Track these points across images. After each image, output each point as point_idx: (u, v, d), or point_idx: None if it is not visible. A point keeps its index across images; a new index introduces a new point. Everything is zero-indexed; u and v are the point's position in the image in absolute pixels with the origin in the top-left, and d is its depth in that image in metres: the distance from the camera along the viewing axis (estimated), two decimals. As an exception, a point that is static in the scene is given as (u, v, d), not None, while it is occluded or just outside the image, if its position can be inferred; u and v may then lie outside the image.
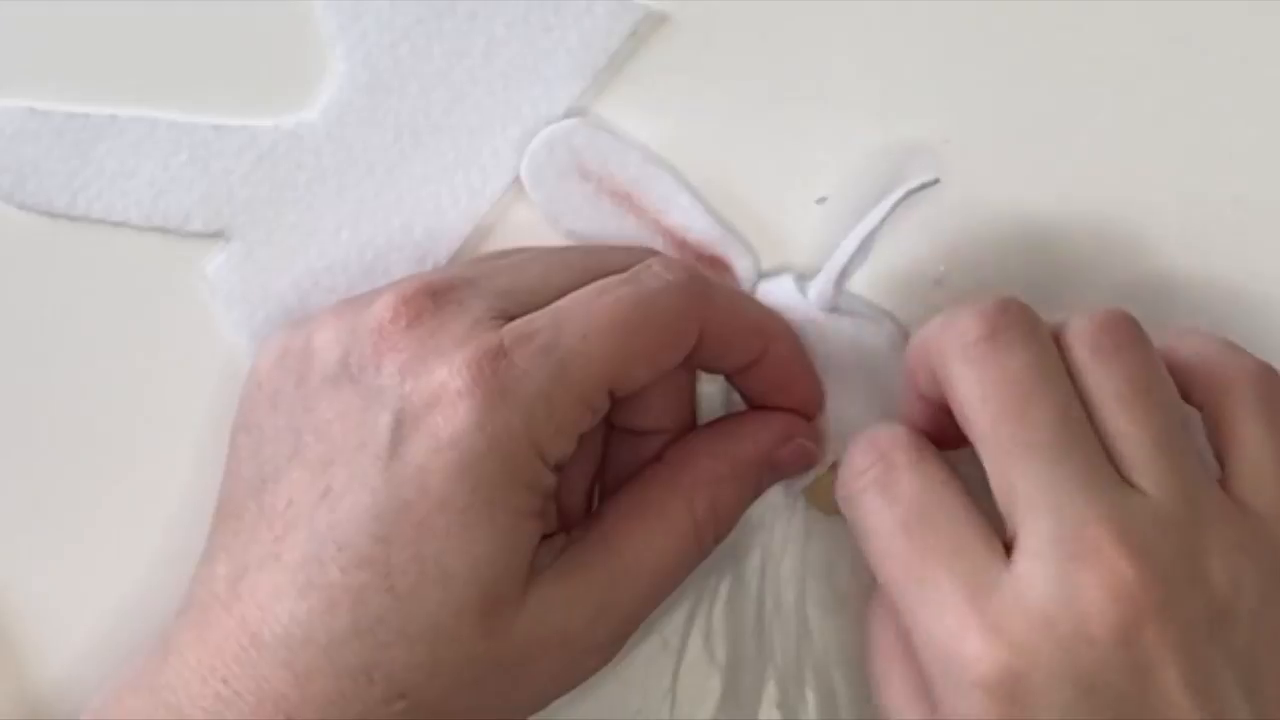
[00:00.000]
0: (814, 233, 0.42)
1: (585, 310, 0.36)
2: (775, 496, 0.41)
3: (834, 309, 0.41)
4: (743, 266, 0.42)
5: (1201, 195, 0.42)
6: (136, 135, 0.41)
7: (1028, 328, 0.36)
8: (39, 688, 0.42)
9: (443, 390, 0.35)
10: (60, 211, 0.42)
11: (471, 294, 0.36)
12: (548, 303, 0.36)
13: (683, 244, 0.42)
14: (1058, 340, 0.36)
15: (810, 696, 0.41)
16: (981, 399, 0.35)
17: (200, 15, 0.42)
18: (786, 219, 0.42)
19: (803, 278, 0.41)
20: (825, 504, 0.41)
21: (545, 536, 0.36)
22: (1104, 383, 0.35)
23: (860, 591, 0.41)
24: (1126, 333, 0.36)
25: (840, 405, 0.41)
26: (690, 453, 0.39)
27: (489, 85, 0.42)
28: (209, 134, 0.41)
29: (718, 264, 0.42)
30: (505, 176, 0.42)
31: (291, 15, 0.42)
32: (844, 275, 0.40)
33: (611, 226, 0.41)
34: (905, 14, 0.42)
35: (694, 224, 0.41)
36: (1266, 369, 0.37)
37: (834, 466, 0.40)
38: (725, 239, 0.42)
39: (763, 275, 0.42)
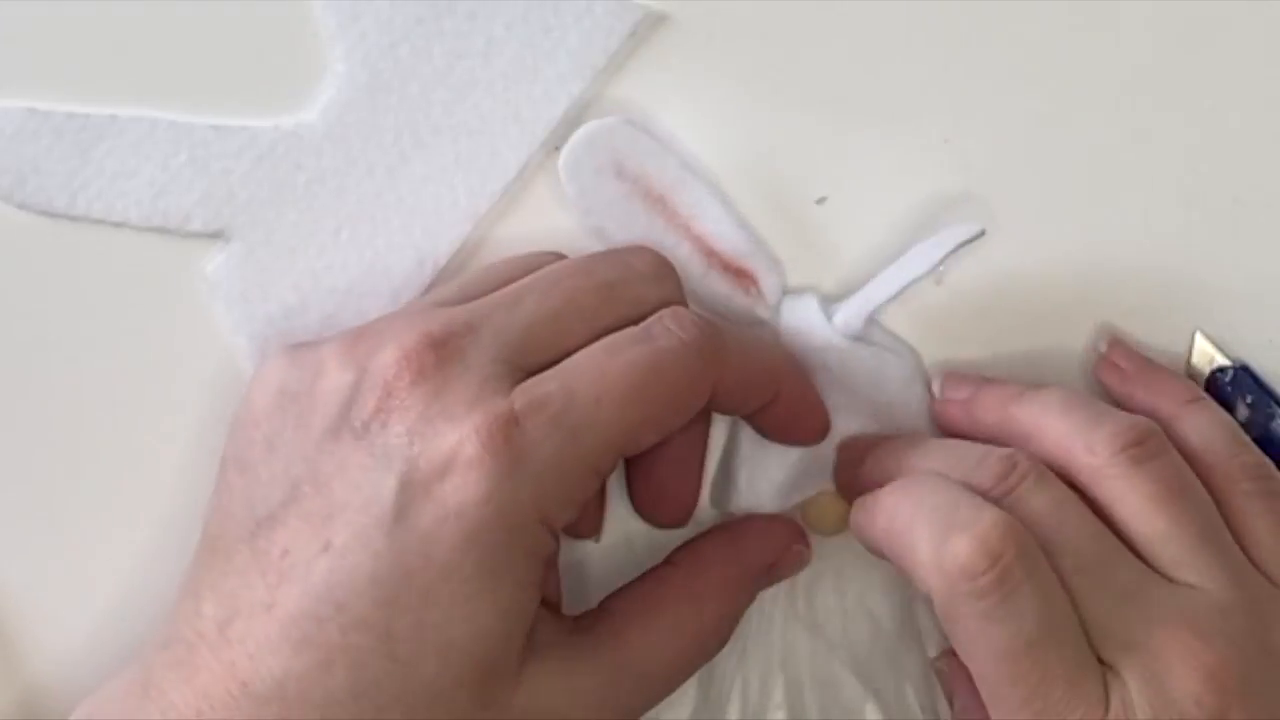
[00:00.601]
0: (814, 233, 0.42)
1: (598, 373, 0.36)
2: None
3: (857, 337, 0.41)
4: (768, 282, 0.41)
5: (1201, 195, 0.42)
6: (136, 135, 0.41)
7: (1040, 473, 0.37)
8: (39, 688, 0.42)
9: (453, 458, 0.34)
10: (60, 211, 0.42)
11: (475, 346, 0.36)
12: (555, 350, 0.36)
13: (710, 252, 0.41)
14: (1072, 479, 0.37)
15: (778, 717, 0.41)
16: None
17: (200, 15, 0.42)
18: (786, 219, 0.42)
19: (828, 300, 0.41)
20: (822, 525, 0.41)
21: (550, 615, 0.37)
22: (1137, 487, 0.37)
23: (840, 610, 0.41)
24: (1158, 440, 0.37)
25: (852, 432, 0.41)
26: (702, 559, 0.39)
27: (489, 85, 0.42)
28: (209, 134, 0.41)
29: (744, 276, 0.41)
30: (505, 177, 0.42)
31: (291, 15, 0.42)
32: (876, 310, 0.40)
33: (640, 228, 0.41)
34: (905, 14, 0.42)
35: (724, 234, 0.41)
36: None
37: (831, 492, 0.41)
38: (754, 252, 0.41)
39: (787, 292, 0.42)
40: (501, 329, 0.36)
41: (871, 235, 0.42)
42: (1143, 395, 0.40)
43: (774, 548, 0.40)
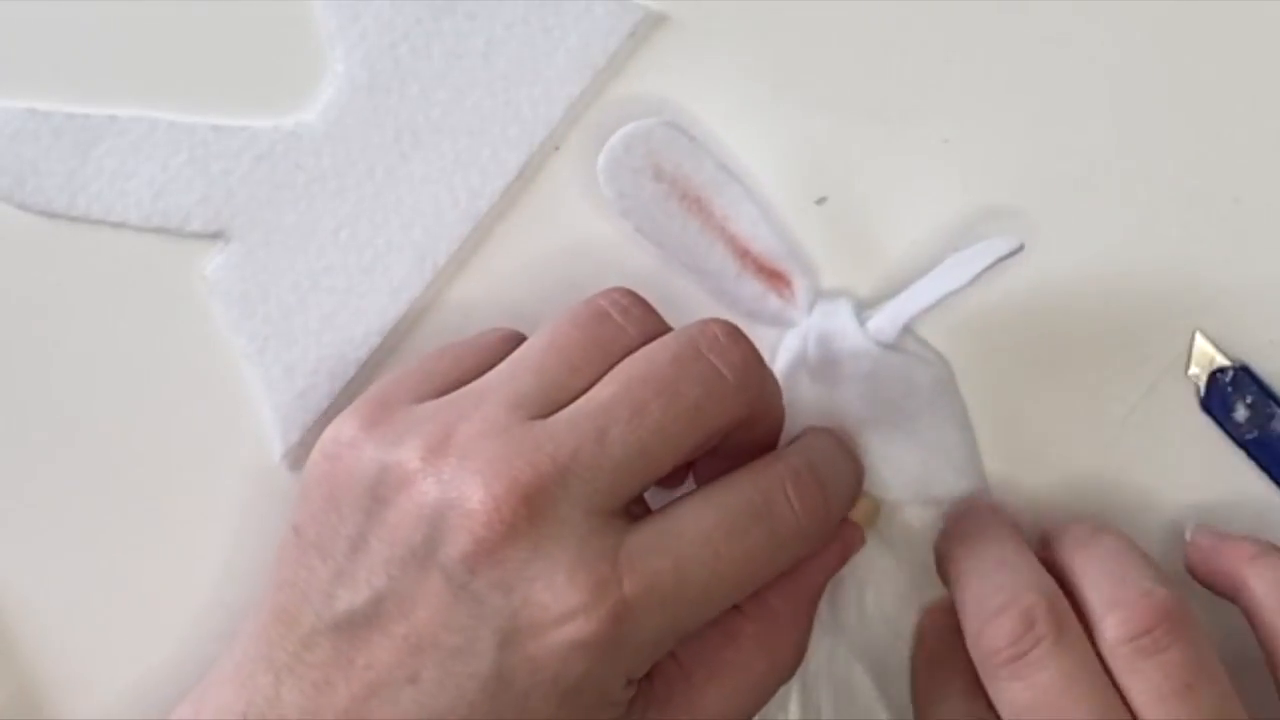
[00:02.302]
0: (814, 233, 0.42)
1: (712, 556, 0.35)
2: None
3: (890, 345, 0.41)
4: (802, 285, 0.41)
5: (1201, 195, 0.42)
6: (136, 136, 0.41)
7: (1056, 636, 0.36)
8: (39, 688, 0.42)
9: (557, 630, 0.34)
10: (60, 212, 0.42)
11: (566, 497, 0.35)
12: (645, 483, 0.36)
13: (745, 253, 0.41)
14: (1091, 637, 0.37)
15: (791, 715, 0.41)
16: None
17: (200, 15, 0.42)
18: (786, 219, 0.42)
19: (861, 306, 0.41)
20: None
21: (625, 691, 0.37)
22: (1145, 679, 0.36)
23: (859, 615, 0.41)
24: (1167, 628, 0.36)
25: (880, 440, 0.41)
26: (768, 604, 0.38)
27: (489, 86, 0.42)
28: (208, 134, 0.42)
29: (778, 278, 0.41)
30: (505, 177, 0.42)
31: (291, 15, 0.42)
32: (911, 320, 0.40)
33: (677, 229, 0.41)
34: (906, 14, 0.42)
35: (759, 236, 0.41)
36: None
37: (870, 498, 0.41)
38: (788, 256, 0.41)
39: (821, 295, 0.42)
40: (591, 474, 0.35)
41: (872, 235, 0.42)
42: (1216, 566, 0.40)
43: (833, 564, 0.40)
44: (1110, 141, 0.42)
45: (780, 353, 0.41)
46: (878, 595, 0.42)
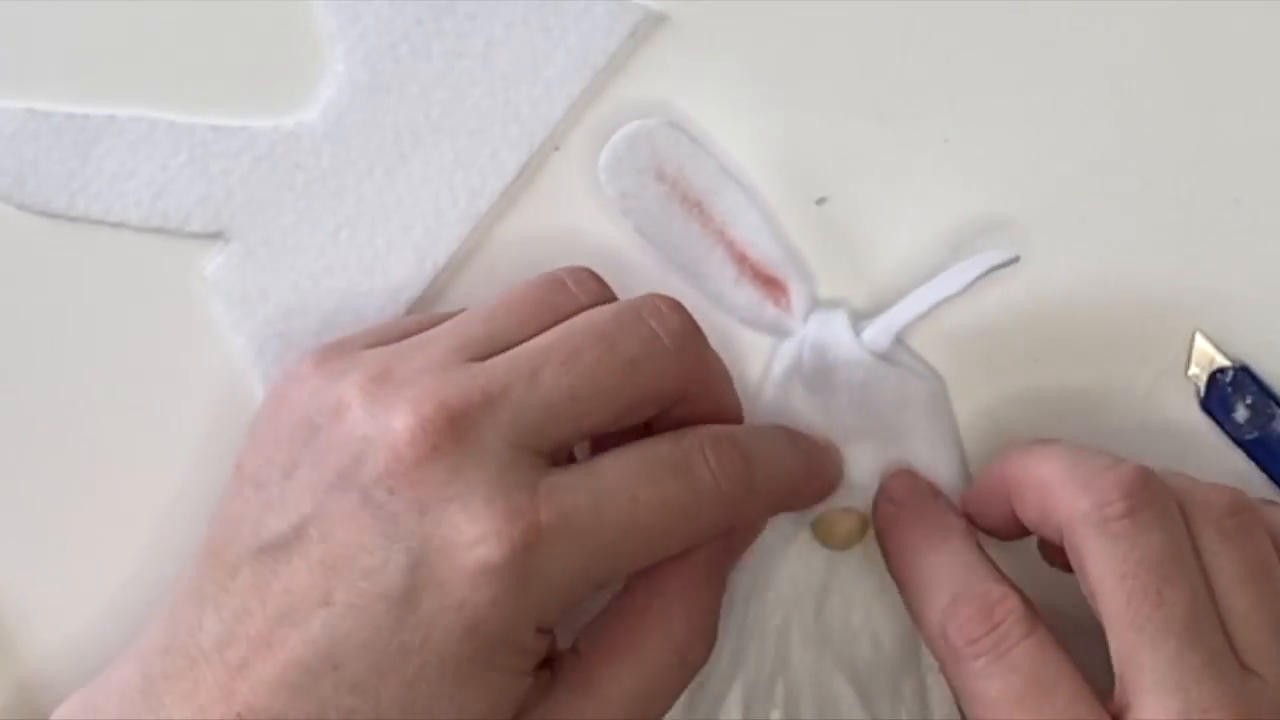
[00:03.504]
0: (814, 234, 0.42)
1: (630, 501, 0.35)
2: (782, 524, 0.41)
3: (883, 356, 0.41)
4: (799, 293, 0.41)
5: (1201, 195, 0.42)
6: (136, 136, 0.41)
7: (1163, 506, 0.36)
8: (38, 687, 0.42)
9: (469, 552, 0.34)
10: (59, 212, 0.42)
11: (492, 425, 0.35)
12: (572, 431, 0.36)
13: (743, 259, 0.41)
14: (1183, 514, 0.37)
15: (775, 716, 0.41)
16: (1120, 576, 0.36)
17: (200, 15, 0.42)
18: (786, 219, 0.42)
19: (858, 316, 0.41)
20: (832, 540, 0.41)
21: (535, 678, 0.37)
22: (1229, 566, 0.36)
23: (845, 627, 0.41)
24: (1249, 515, 0.37)
25: (870, 453, 0.41)
26: (656, 575, 0.38)
27: (488, 86, 0.42)
28: (208, 135, 0.41)
29: (775, 285, 0.41)
30: (505, 177, 0.42)
31: (291, 15, 0.42)
32: (903, 329, 0.40)
33: (677, 230, 0.41)
34: (905, 14, 0.42)
35: (757, 242, 0.41)
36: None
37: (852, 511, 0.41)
38: (786, 263, 0.41)
39: (817, 304, 0.42)
40: (520, 408, 0.35)
41: (872, 236, 0.42)
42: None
43: (733, 549, 0.40)
44: (1111, 142, 0.42)
45: (776, 361, 0.41)
46: (866, 609, 0.42)
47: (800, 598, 0.41)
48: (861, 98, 0.42)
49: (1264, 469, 0.42)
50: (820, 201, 0.42)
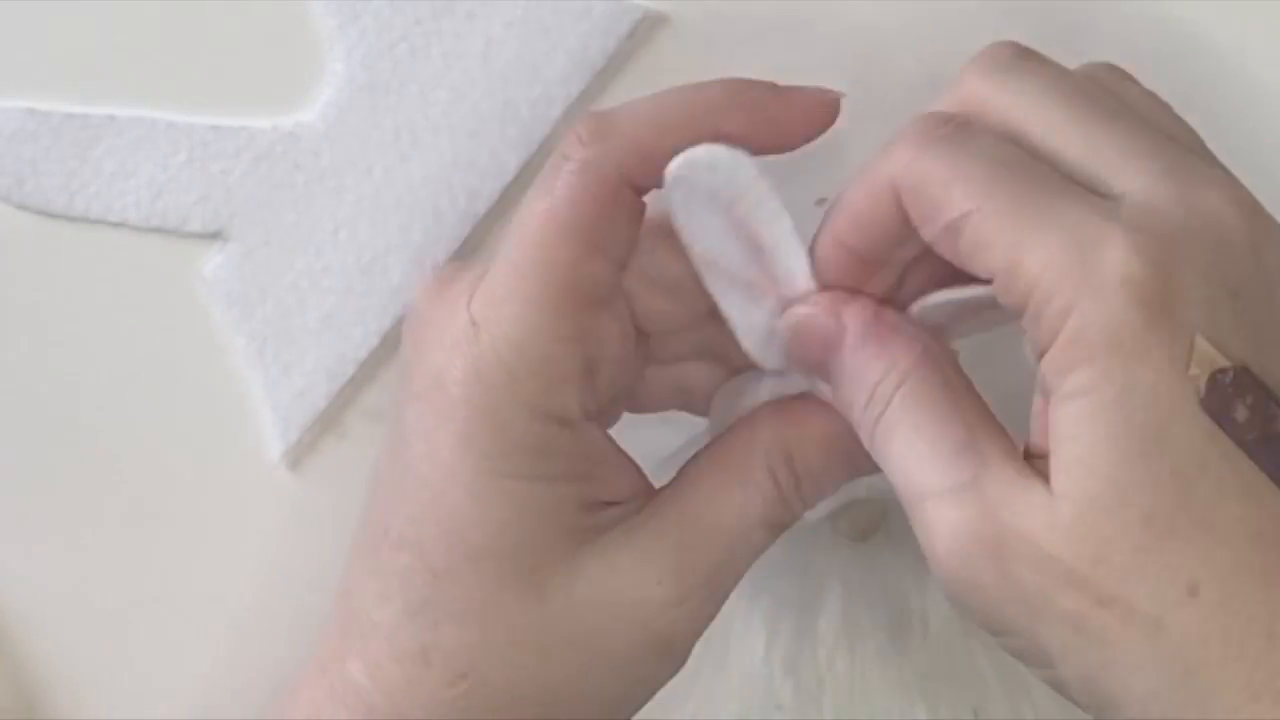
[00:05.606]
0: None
1: (512, 236, 0.35)
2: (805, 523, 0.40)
3: None
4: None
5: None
6: (135, 136, 0.42)
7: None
8: (39, 688, 0.42)
9: (439, 372, 0.35)
10: (59, 212, 0.42)
11: (463, 279, 0.36)
12: None
13: (779, 295, 0.38)
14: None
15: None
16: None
17: (199, 15, 0.42)
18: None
19: None
20: (855, 531, 0.41)
21: (602, 504, 0.35)
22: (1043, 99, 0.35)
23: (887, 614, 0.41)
24: (1030, 61, 0.36)
25: None
26: (763, 416, 0.37)
27: (488, 86, 0.42)
28: (207, 134, 0.42)
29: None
30: (505, 177, 0.42)
31: (291, 15, 0.42)
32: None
33: (734, 258, 0.37)
34: (905, 14, 0.42)
35: (795, 276, 0.38)
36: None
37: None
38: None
39: None
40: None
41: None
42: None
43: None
44: (1110, 142, 0.42)
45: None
46: (884, 592, 0.42)
47: (802, 593, 0.41)
48: (861, 98, 0.42)
49: (1264, 469, 0.42)
50: (820, 202, 0.42)
